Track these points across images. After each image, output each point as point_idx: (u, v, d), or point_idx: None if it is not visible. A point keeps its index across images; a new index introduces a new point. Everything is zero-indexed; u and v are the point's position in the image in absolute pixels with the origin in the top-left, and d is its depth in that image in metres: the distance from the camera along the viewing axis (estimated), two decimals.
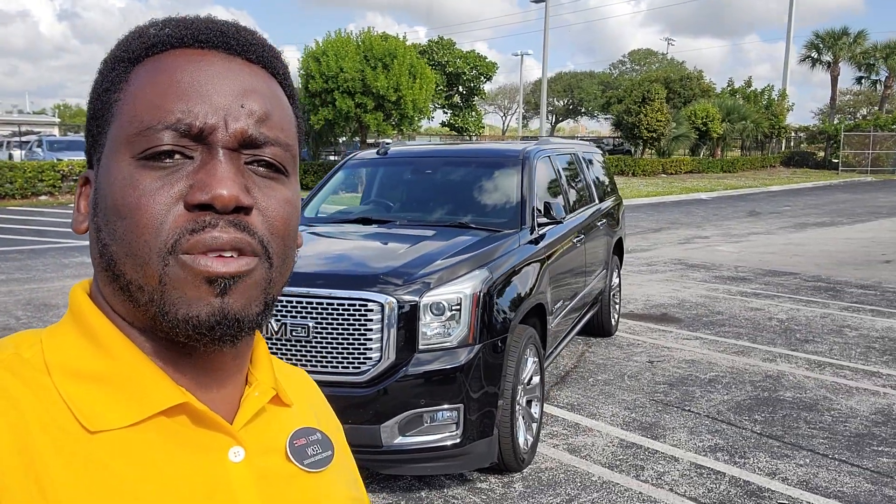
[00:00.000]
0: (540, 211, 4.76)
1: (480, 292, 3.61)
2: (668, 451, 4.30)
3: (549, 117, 76.45)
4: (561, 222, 4.87)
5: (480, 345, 3.57)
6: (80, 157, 23.12)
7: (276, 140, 0.64)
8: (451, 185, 5.11)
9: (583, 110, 74.51)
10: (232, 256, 0.60)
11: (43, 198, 19.45)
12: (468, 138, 37.61)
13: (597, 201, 6.58)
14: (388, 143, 5.70)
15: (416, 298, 3.48)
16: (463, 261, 3.80)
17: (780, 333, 7.03)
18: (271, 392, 0.71)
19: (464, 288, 3.57)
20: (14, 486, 0.54)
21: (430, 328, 3.50)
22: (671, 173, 36.11)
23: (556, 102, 75.29)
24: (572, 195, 5.81)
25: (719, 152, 40.48)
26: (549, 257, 4.64)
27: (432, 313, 3.50)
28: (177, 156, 0.60)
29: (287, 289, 3.45)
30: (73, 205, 0.70)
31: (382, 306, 3.45)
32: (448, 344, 3.51)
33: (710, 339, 6.87)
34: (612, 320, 6.94)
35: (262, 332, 0.71)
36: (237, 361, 0.69)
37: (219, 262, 0.60)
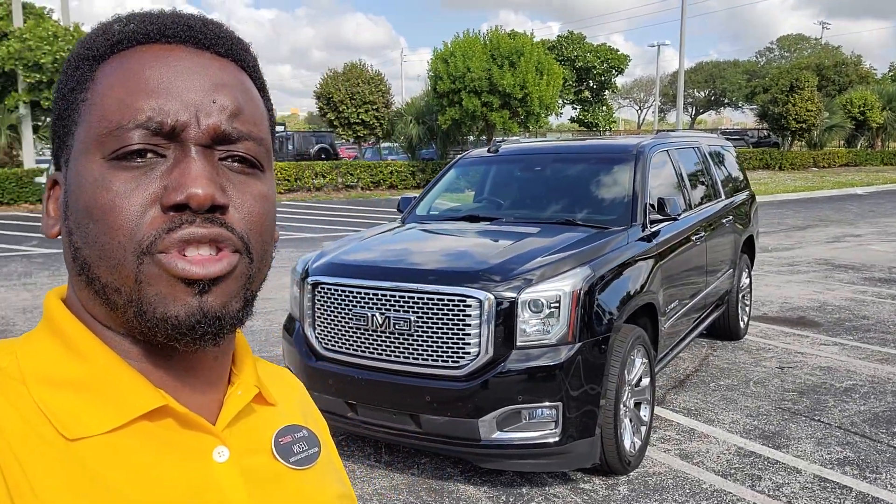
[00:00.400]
0: (653, 207, 4.61)
1: (581, 290, 3.55)
2: (789, 462, 4.03)
3: (689, 109, 73.19)
4: (676, 219, 4.68)
5: (581, 343, 3.52)
6: None
7: (250, 134, 0.63)
8: (560, 182, 5.06)
9: (725, 101, 70.71)
10: (211, 255, 0.59)
11: None
12: (598, 134, 36.79)
13: (722, 197, 6.25)
14: (499, 142, 5.73)
15: (515, 295, 3.49)
16: (565, 258, 3.76)
17: None
18: (254, 390, 0.70)
19: (563, 285, 3.53)
20: None
21: (528, 325, 3.49)
22: (823, 166, 33.53)
23: (697, 94, 71.92)
24: (693, 191, 5.56)
25: (879, 143, 37.05)
26: (662, 255, 4.48)
27: (531, 310, 3.49)
28: (149, 154, 0.59)
29: (388, 283, 3.58)
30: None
31: (481, 302, 3.48)
32: (547, 341, 3.49)
33: (851, 345, 6.34)
34: (741, 323, 6.57)
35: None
36: (219, 361, 0.68)
37: (197, 265, 0.58)
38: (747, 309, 6.86)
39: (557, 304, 3.51)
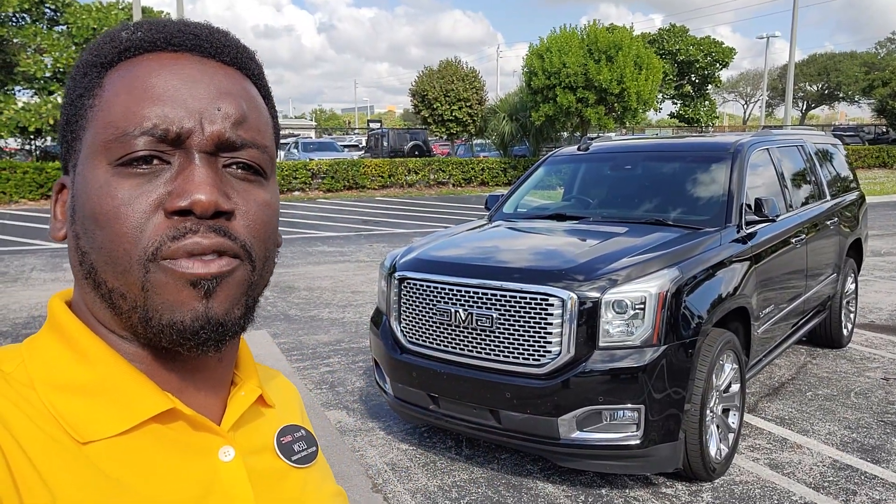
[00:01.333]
0: (750, 208, 4.45)
1: (668, 292, 3.50)
2: (889, 479, 3.82)
3: (799, 104, 69.36)
4: (774, 220, 4.51)
5: (666, 346, 3.46)
6: (329, 156, 25.65)
7: (253, 142, 0.64)
8: (652, 181, 4.96)
9: (840, 95, 66.60)
10: (213, 259, 0.61)
11: (296, 193, 21.91)
12: (699, 130, 35.49)
13: (828, 197, 5.95)
14: (590, 139, 5.67)
15: (599, 295, 3.47)
16: (652, 259, 3.70)
17: None
18: (257, 391, 0.73)
19: (649, 287, 3.48)
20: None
21: (612, 325, 3.47)
22: None
23: (809, 87, 68.07)
24: (794, 191, 5.32)
25: None
26: (757, 258, 4.32)
27: (614, 311, 3.47)
28: (154, 161, 0.60)
29: (473, 280, 3.65)
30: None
31: (564, 301, 3.48)
32: (631, 343, 3.46)
33: None
34: (844, 330, 6.23)
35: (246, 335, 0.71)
36: (223, 363, 0.70)
37: (199, 263, 0.60)
38: (852, 316, 6.50)
39: (643, 306, 3.46)
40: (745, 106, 78.72)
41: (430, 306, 3.86)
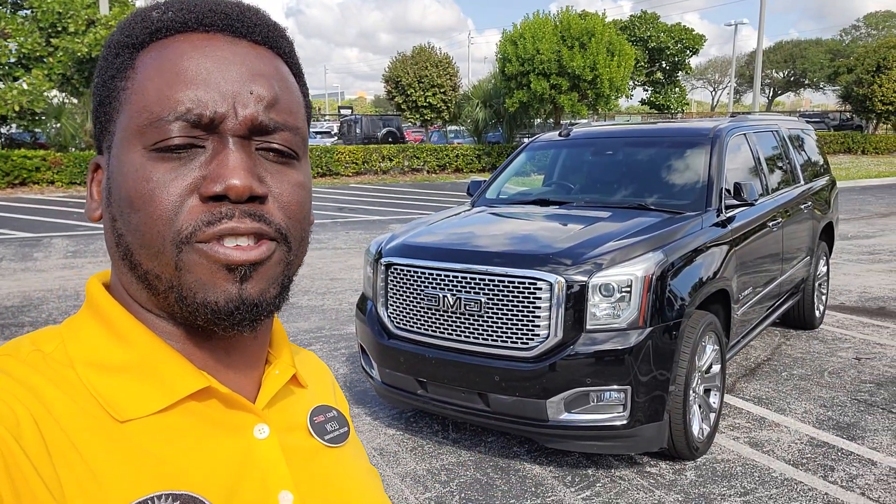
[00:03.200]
0: (729, 192, 4.53)
1: (652, 275, 3.56)
2: (865, 454, 3.95)
3: (766, 91, 70.40)
4: (752, 204, 4.60)
5: (651, 328, 3.52)
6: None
7: (286, 124, 0.65)
8: (632, 167, 5.02)
9: (806, 82, 67.74)
10: (252, 245, 0.61)
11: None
12: (669, 116, 35.87)
13: (801, 182, 6.07)
14: (571, 125, 5.71)
15: (586, 279, 3.52)
16: (637, 242, 3.76)
17: None
18: (291, 370, 0.74)
19: (635, 270, 3.54)
20: (36, 474, 0.54)
21: (598, 308, 3.52)
22: None
23: (775, 74, 69.13)
24: (770, 176, 5.43)
25: None
26: (737, 241, 4.41)
27: (601, 294, 3.52)
28: (188, 146, 0.61)
29: (459, 265, 3.67)
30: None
31: (552, 285, 3.52)
32: (617, 325, 3.51)
33: None
34: (817, 312, 6.39)
35: (279, 314, 0.71)
36: (258, 342, 0.71)
37: (237, 251, 0.61)
38: (824, 298, 6.67)
39: (629, 289, 3.52)
40: (714, 93, 79.67)
41: (418, 292, 3.88)
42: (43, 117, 19.05)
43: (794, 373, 5.30)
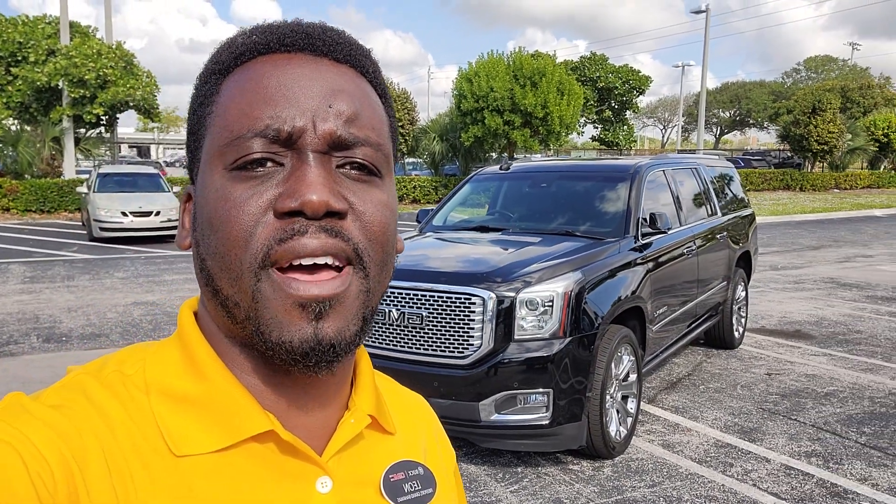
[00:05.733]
0: (646, 221, 5.10)
1: (572, 291, 4.06)
2: (761, 453, 4.48)
3: (714, 129, 73.18)
4: (666, 233, 5.17)
5: (570, 338, 4.02)
6: None
7: (367, 140, 0.62)
8: (564, 198, 5.57)
9: (751, 121, 70.68)
10: (326, 271, 0.59)
11: None
12: (618, 152, 37.21)
13: (718, 214, 6.71)
14: (510, 160, 6.26)
15: (514, 294, 4.00)
16: (560, 263, 4.27)
17: None
18: (367, 419, 0.69)
19: (556, 287, 4.04)
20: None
21: (525, 321, 4.01)
22: (845, 188, 33.59)
23: (722, 114, 71.99)
24: (686, 207, 6.04)
25: None
26: (652, 264, 4.96)
27: (527, 308, 4.00)
28: (268, 164, 0.60)
29: (405, 283, 4.11)
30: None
31: (485, 300, 4.00)
32: (541, 336, 4.00)
33: (839, 356, 6.74)
34: (735, 333, 7.00)
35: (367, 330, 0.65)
36: (336, 381, 0.67)
37: (312, 285, 0.58)
38: (743, 320, 7.28)
39: (551, 304, 4.02)
40: (664, 130, 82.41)
41: None
42: (0, 145, 19.01)
43: (711, 386, 5.85)
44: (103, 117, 20.76)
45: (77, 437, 0.56)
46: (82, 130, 21.85)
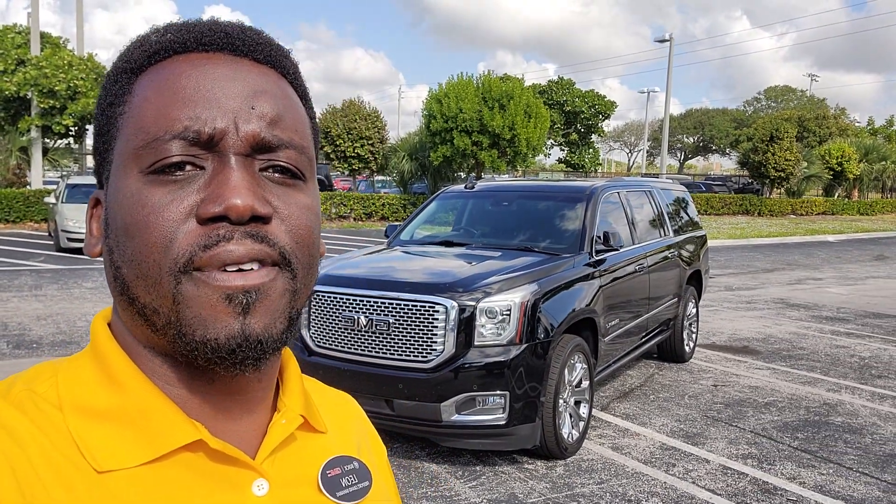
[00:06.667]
0: (600, 238, 5.46)
1: (528, 302, 4.39)
2: (701, 455, 4.84)
3: (678, 154, 75.04)
4: (618, 250, 5.54)
5: (526, 345, 4.34)
6: None
7: (291, 142, 0.61)
8: (524, 216, 5.93)
9: (713, 147, 72.66)
10: (252, 269, 0.57)
11: None
12: (584, 175, 38.07)
13: (670, 235, 7.13)
14: (475, 180, 6.60)
15: (475, 304, 4.32)
16: (518, 276, 4.60)
17: (856, 369, 7.21)
18: (299, 419, 0.68)
19: (514, 297, 4.37)
20: None
21: (485, 328, 4.32)
22: (801, 214, 34.74)
23: (686, 139, 73.92)
24: (639, 227, 6.44)
25: (856, 194, 38.45)
26: (604, 279, 5.32)
27: (487, 316, 4.32)
28: (187, 167, 0.57)
29: (374, 292, 4.40)
30: None
31: (447, 309, 4.30)
32: (499, 342, 4.31)
33: (782, 370, 7.18)
34: (686, 347, 7.39)
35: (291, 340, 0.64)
36: (262, 384, 0.66)
37: (237, 275, 0.57)
38: (694, 336, 7.69)
39: (508, 312, 4.34)
40: (630, 154, 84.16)
41: (336, 315, 4.59)
42: None
43: (661, 396, 6.22)
44: (72, 128, 20.72)
45: None
46: (49, 141, 21.77)
